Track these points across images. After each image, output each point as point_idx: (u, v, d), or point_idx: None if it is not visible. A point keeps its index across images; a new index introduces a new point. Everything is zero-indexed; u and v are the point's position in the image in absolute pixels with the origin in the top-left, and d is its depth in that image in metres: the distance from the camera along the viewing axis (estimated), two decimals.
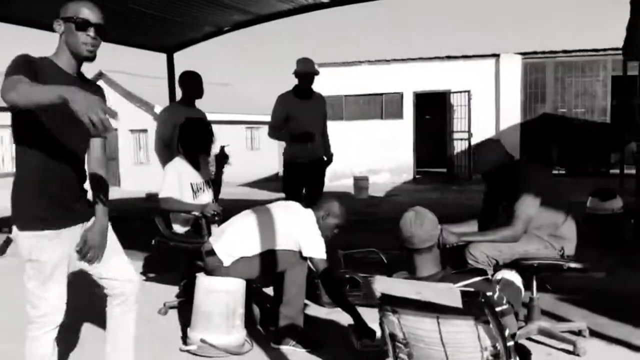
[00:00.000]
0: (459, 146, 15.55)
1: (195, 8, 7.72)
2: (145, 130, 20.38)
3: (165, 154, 4.84)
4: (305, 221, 3.56)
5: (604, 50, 14.75)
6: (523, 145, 15.11)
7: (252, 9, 7.90)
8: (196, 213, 4.01)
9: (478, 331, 2.15)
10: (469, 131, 15.14)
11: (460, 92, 15.22)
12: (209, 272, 3.50)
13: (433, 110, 18.64)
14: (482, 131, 15.26)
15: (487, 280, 2.40)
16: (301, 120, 5.29)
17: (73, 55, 2.36)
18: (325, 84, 17.00)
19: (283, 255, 3.46)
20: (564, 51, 15.20)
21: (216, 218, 3.94)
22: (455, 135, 15.58)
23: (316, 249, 3.45)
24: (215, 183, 4.41)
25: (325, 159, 5.55)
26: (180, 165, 4.15)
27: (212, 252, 3.47)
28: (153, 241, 4.12)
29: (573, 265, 3.34)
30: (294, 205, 3.77)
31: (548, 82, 15.51)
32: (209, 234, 3.90)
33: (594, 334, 3.58)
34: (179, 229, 4.16)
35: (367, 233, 7.34)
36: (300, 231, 3.48)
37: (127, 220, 9.08)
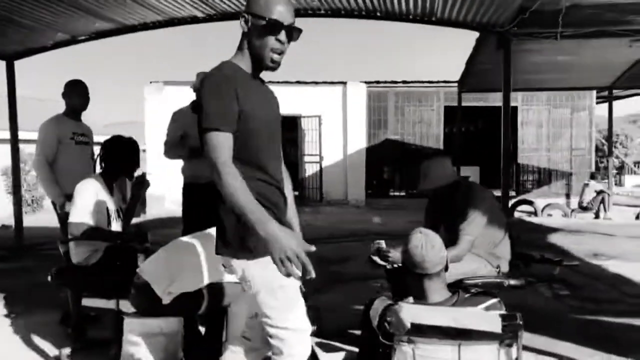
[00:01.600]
0: (310, 169, 15.82)
1: (47, 10, 6.79)
2: None
3: (48, 172, 4.15)
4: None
5: (438, 82, 16.20)
6: (368, 168, 15.89)
7: (119, 17, 7.20)
8: (116, 242, 3.40)
9: (499, 355, 2.07)
10: (320, 154, 15.50)
11: (311, 116, 15.55)
12: (139, 312, 2.96)
13: (284, 134, 18.75)
14: (332, 155, 15.75)
15: (499, 302, 2.32)
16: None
17: (253, 60, 2.02)
18: (172, 103, 16.27)
19: (227, 287, 3.06)
20: (403, 82, 16.38)
21: (142, 247, 3.37)
22: (307, 159, 15.83)
23: None
24: (127, 212, 3.81)
25: None
26: (97, 187, 3.51)
27: (145, 288, 2.92)
28: (50, 275, 3.41)
29: (513, 282, 3.43)
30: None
31: (389, 110, 16.57)
32: (135, 265, 3.32)
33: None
34: (82, 257, 3.48)
35: None
36: None
37: None
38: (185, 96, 5.35)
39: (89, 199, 3.44)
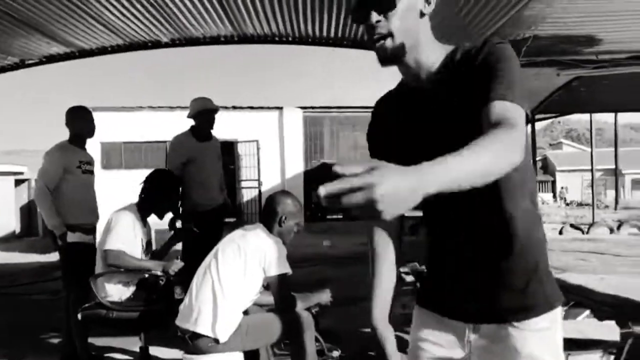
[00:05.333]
0: (248, 194, 15.67)
1: (5, 35, 6.35)
2: None
3: (49, 201, 3.87)
4: (263, 244, 2.91)
5: (371, 107, 16.66)
6: (306, 193, 15.98)
7: (77, 40, 6.85)
8: (157, 272, 3.22)
9: None
10: (258, 179, 15.41)
11: (248, 141, 15.46)
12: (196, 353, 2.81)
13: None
14: (270, 180, 15.70)
15: (591, 312, 2.45)
16: (202, 165, 4.80)
17: None
18: (100, 130, 15.57)
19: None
20: (337, 107, 16.74)
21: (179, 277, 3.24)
22: (244, 184, 15.68)
23: (281, 264, 2.90)
24: (164, 249, 3.74)
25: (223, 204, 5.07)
26: (133, 219, 3.38)
27: (197, 335, 2.75)
28: (80, 313, 3.18)
29: None
30: (242, 234, 2.99)
31: (325, 135, 16.84)
32: (171, 296, 3.17)
33: None
34: (115, 292, 3.27)
35: None
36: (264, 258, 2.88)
37: None
38: (115, 122, 5.36)
39: (128, 228, 3.32)
